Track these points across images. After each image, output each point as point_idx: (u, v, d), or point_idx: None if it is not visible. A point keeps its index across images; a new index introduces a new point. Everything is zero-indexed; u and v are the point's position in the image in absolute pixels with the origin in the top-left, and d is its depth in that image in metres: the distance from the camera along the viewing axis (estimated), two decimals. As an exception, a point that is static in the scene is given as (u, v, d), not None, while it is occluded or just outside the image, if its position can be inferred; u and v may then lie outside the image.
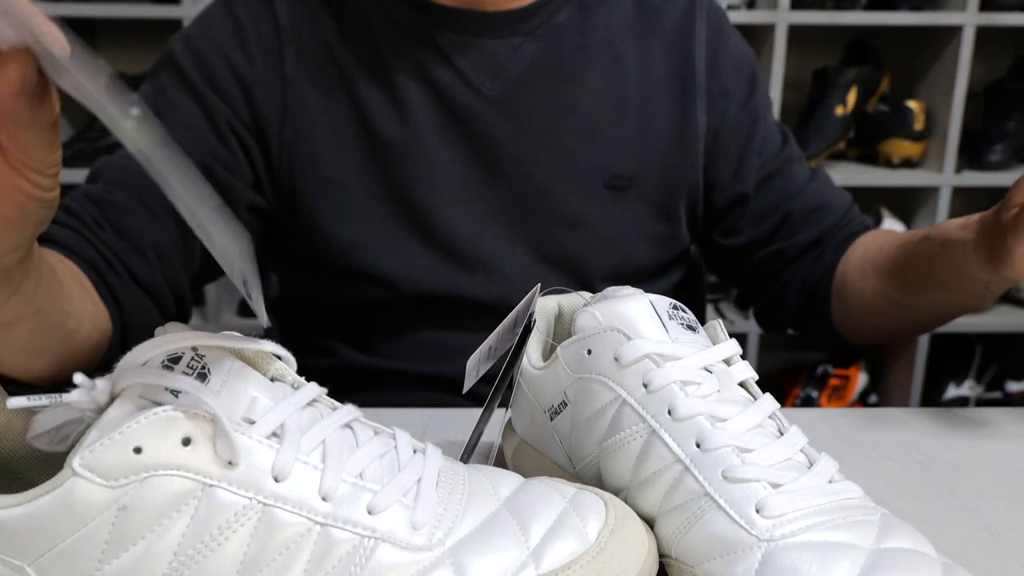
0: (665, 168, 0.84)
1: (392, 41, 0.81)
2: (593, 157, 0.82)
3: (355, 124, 0.81)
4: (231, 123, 0.80)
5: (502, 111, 0.81)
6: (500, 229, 0.82)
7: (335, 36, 0.82)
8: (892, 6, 1.81)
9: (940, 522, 0.52)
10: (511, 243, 0.82)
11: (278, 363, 0.42)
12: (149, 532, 0.35)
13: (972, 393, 2.01)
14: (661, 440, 0.43)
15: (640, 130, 0.83)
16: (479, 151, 0.81)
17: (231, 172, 0.80)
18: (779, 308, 0.88)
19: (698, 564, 0.41)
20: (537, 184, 0.81)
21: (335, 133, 0.81)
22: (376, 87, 0.81)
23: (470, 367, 0.52)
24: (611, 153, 0.82)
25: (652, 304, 0.47)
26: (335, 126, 0.82)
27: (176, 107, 0.79)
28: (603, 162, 0.82)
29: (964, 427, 0.67)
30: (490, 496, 0.41)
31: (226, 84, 0.80)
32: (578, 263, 0.84)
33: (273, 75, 0.81)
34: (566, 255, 0.84)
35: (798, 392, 2.05)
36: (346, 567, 0.37)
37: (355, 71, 0.81)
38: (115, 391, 0.35)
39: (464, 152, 0.81)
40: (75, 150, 1.71)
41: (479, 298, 0.82)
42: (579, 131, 0.82)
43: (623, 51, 0.83)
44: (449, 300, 0.82)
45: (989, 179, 1.84)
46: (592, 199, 0.83)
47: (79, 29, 1.89)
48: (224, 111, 0.79)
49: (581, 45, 0.82)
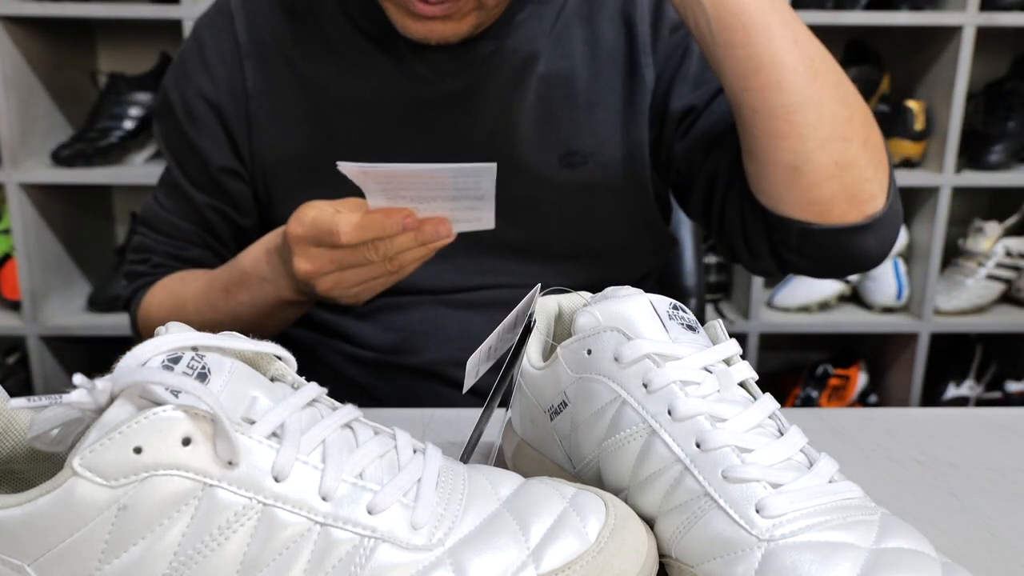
0: (619, 138, 0.86)
1: (352, 46, 0.85)
2: (546, 139, 0.85)
3: (315, 128, 0.86)
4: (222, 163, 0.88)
5: (459, 104, 0.84)
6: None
7: (293, 46, 0.86)
8: (892, 6, 1.81)
9: (940, 522, 0.52)
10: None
11: (278, 363, 0.42)
12: (149, 532, 0.35)
13: (972, 393, 2.01)
14: (661, 440, 0.43)
15: (590, 106, 0.86)
16: (439, 143, 0.85)
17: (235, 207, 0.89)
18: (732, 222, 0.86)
19: (698, 564, 0.41)
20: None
21: (296, 139, 0.86)
22: (336, 91, 0.85)
23: (470, 367, 0.52)
24: (564, 133, 0.85)
25: (652, 304, 0.47)
26: (296, 133, 0.86)
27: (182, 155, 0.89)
28: (556, 142, 0.85)
29: (964, 427, 0.67)
30: (490, 496, 0.41)
31: (207, 121, 0.87)
32: (540, 243, 0.87)
33: (237, 91, 0.86)
34: (526, 238, 0.87)
35: (798, 392, 2.05)
36: (346, 567, 0.37)
37: (314, 77, 0.86)
38: (115, 391, 0.35)
39: (424, 144, 0.85)
40: (75, 150, 1.71)
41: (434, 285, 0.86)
42: (532, 116, 0.85)
43: (570, 34, 0.86)
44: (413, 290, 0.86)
45: (989, 179, 1.84)
46: (549, 179, 0.86)
47: (79, 29, 1.90)
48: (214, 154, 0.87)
49: (535, 34, 0.85)
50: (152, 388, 0.35)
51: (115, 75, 1.78)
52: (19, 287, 1.74)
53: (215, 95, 0.86)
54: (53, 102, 1.81)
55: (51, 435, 0.37)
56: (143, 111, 1.77)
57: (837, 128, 0.72)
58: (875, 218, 0.75)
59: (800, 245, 0.77)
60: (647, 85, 0.86)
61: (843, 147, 0.72)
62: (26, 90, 1.71)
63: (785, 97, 0.70)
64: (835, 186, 0.73)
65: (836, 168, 0.72)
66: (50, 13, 1.63)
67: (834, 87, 0.72)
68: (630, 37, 0.86)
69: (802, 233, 0.76)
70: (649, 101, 0.86)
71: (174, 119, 0.89)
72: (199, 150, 0.87)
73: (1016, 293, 1.99)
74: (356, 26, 0.85)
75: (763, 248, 0.81)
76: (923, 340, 1.91)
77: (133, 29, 1.91)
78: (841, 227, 0.75)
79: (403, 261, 0.69)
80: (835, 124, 0.72)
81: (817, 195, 0.74)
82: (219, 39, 0.87)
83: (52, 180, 1.69)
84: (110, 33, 1.93)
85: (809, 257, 0.79)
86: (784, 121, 0.71)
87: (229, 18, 0.87)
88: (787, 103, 0.71)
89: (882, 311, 1.96)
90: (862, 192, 0.74)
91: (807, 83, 0.70)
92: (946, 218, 1.85)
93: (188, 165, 0.89)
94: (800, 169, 0.73)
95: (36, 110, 1.75)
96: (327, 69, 0.86)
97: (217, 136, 0.87)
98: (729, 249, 0.86)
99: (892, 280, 1.93)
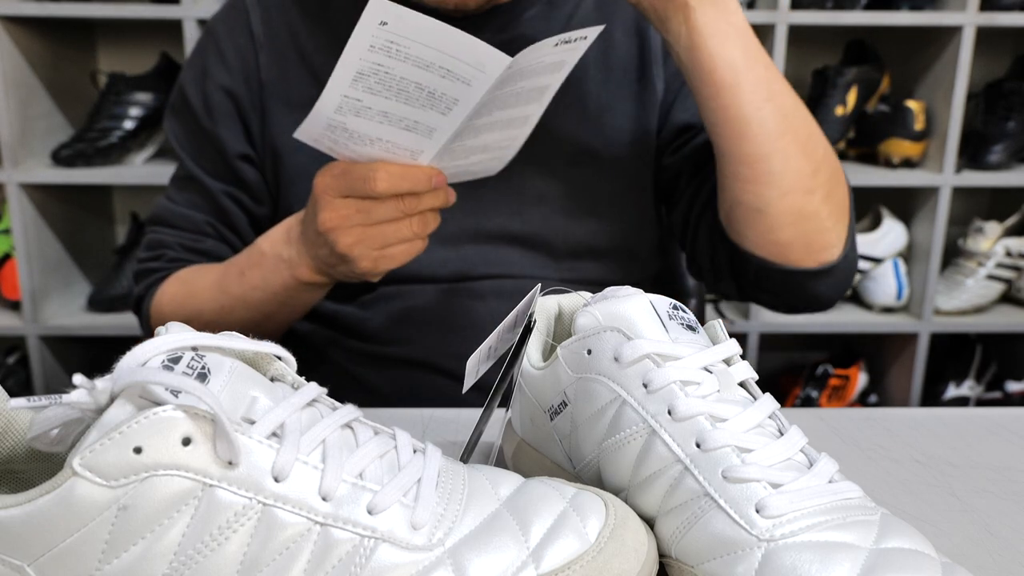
0: (627, 142, 0.88)
1: None
2: (555, 138, 0.86)
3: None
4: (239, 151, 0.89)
5: None
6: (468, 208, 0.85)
7: (306, 39, 0.88)
8: (892, 6, 1.81)
9: (940, 522, 0.52)
10: (477, 221, 0.86)
11: (278, 363, 0.42)
12: (149, 532, 0.35)
13: (972, 393, 2.01)
14: (661, 440, 0.43)
15: (600, 109, 0.87)
16: None
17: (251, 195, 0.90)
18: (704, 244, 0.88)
19: (698, 564, 0.41)
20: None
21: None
22: None
23: (470, 367, 0.52)
24: (573, 134, 0.87)
25: (652, 304, 0.47)
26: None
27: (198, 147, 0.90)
28: (565, 142, 0.86)
29: (964, 427, 0.67)
30: (490, 496, 0.41)
31: (224, 110, 0.88)
32: (544, 239, 0.88)
33: (252, 80, 0.88)
34: (532, 231, 0.87)
35: (798, 392, 2.05)
36: (346, 567, 0.37)
37: (325, 68, 0.86)
38: (115, 391, 0.35)
39: None
40: (75, 150, 1.70)
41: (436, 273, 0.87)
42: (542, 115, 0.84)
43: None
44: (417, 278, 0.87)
45: (989, 179, 1.84)
46: (555, 176, 0.87)
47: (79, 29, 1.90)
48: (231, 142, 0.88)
49: (541, 35, 0.86)
50: (152, 388, 0.35)
51: (115, 75, 1.78)
52: (19, 287, 1.74)
53: (232, 85, 0.88)
54: (53, 102, 1.81)
55: (51, 435, 0.37)
56: (143, 111, 1.77)
57: (801, 181, 0.74)
58: (830, 265, 0.79)
59: (757, 279, 0.81)
60: (657, 95, 0.88)
61: (805, 199, 0.75)
62: (26, 90, 1.71)
63: (751, 148, 0.73)
64: (794, 232, 0.76)
65: (796, 216, 0.76)
66: (50, 13, 1.63)
67: (803, 142, 0.74)
68: (643, 48, 0.89)
69: (760, 269, 0.80)
70: (658, 111, 0.89)
71: (190, 113, 0.90)
72: (216, 139, 0.88)
73: (1016, 293, 1.99)
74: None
75: (726, 274, 0.85)
76: (923, 340, 1.90)
77: (133, 29, 1.91)
78: (797, 269, 0.79)
79: (425, 224, 0.71)
80: (799, 177, 0.74)
81: (776, 238, 0.77)
82: (234, 33, 0.89)
83: (52, 180, 1.69)
84: (110, 33, 1.93)
85: (765, 291, 0.83)
86: (750, 168, 0.74)
87: (244, 12, 0.90)
88: (753, 153, 0.73)
89: (882, 311, 1.96)
90: (819, 241, 0.78)
91: (775, 138, 0.73)
92: (946, 218, 1.85)
93: (204, 156, 0.90)
94: (762, 212, 0.76)
95: (36, 110, 1.75)
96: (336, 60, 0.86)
97: (234, 125, 0.88)
98: (697, 268, 0.90)
99: (892, 280, 1.93)
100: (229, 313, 0.83)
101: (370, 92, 0.62)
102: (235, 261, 0.83)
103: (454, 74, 0.62)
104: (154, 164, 1.79)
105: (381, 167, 0.67)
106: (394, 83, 0.62)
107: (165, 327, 0.40)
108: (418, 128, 0.66)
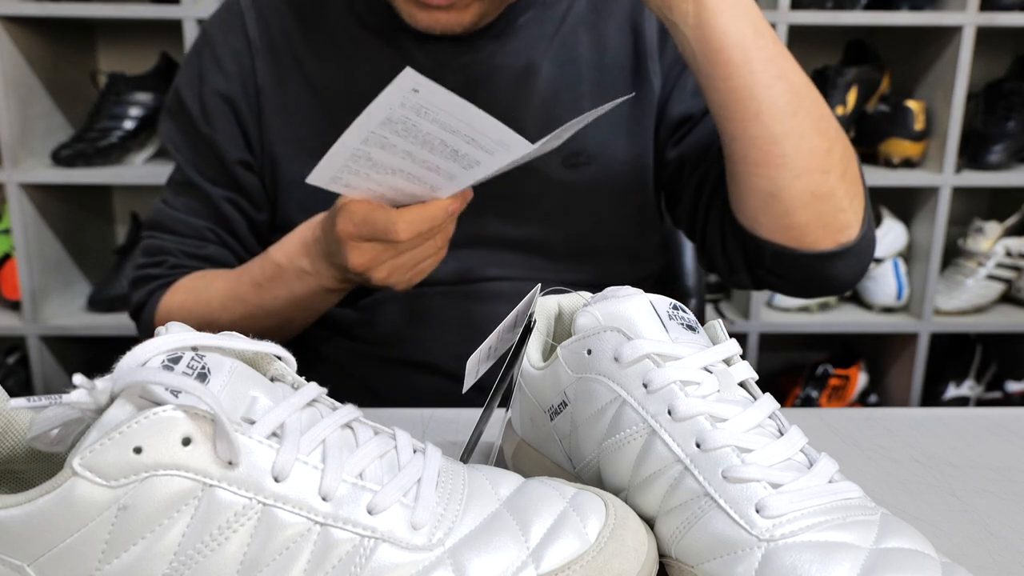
0: (625, 142, 0.87)
1: (357, 42, 0.87)
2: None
3: (321, 122, 0.86)
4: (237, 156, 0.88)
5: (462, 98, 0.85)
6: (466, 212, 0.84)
7: (301, 45, 0.88)
8: (892, 6, 1.81)
9: (940, 522, 0.52)
10: (476, 224, 0.85)
11: (278, 363, 0.42)
12: (149, 532, 0.35)
13: (972, 393, 2.01)
14: (661, 440, 0.43)
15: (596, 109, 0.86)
16: None
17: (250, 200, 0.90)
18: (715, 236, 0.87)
19: (698, 564, 0.41)
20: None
21: (302, 132, 0.87)
22: (341, 86, 0.86)
23: (470, 367, 0.52)
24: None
25: (652, 304, 0.47)
26: (302, 126, 0.87)
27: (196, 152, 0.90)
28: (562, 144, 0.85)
29: (964, 427, 0.67)
30: (490, 496, 0.41)
31: (222, 116, 0.88)
32: (543, 241, 0.88)
33: (248, 85, 0.88)
34: (530, 234, 0.87)
35: (798, 392, 2.05)
36: (346, 567, 0.37)
37: (321, 74, 0.87)
38: (115, 391, 0.35)
39: None
40: (75, 150, 1.70)
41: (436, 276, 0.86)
42: (536, 117, 0.86)
43: (577, 39, 0.87)
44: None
45: (989, 179, 1.84)
46: (552, 178, 0.86)
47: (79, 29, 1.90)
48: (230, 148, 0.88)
49: (537, 38, 0.86)
50: (152, 388, 0.35)
51: (115, 75, 1.78)
52: (19, 287, 1.74)
53: (228, 90, 0.88)
54: (53, 102, 1.81)
55: (51, 435, 0.37)
56: (143, 111, 1.77)
57: (815, 160, 0.73)
58: (848, 246, 0.77)
59: (773, 266, 0.79)
60: (654, 92, 0.87)
61: (820, 178, 0.73)
62: (26, 90, 1.71)
63: (763, 129, 0.72)
64: (810, 214, 0.75)
65: (812, 198, 0.74)
66: (50, 13, 1.63)
67: (816, 120, 0.73)
68: (638, 44, 0.87)
69: (776, 255, 0.78)
70: (656, 107, 0.88)
71: (187, 117, 0.89)
72: (215, 145, 0.88)
73: (1016, 293, 1.99)
74: (362, 23, 0.87)
75: (740, 264, 0.83)
76: (923, 340, 1.90)
77: (133, 29, 1.91)
78: (814, 253, 0.77)
79: (447, 236, 0.74)
80: (813, 156, 0.73)
81: (792, 221, 0.75)
82: (230, 36, 0.89)
83: (52, 180, 1.69)
84: (110, 33, 1.93)
85: (782, 277, 0.81)
86: (762, 151, 0.72)
87: (239, 16, 0.89)
88: (765, 135, 0.72)
89: (882, 311, 1.96)
90: (836, 221, 0.76)
91: (787, 117, 0.71)
92: (946, 218, 1.85)
93: (202, 161, 0.89)
94: (776, 196, 0.74)
95: (36, 110, 1.75)
96: (332, 66, 0.87)
97: (231, 130, 0.88)
98: (709, 260, 0.88)
99: (892, 280, 1.93)
100: (247, 320, 0.83)
101: (397, 134, 0.64)
102: (247, 271, 0.82)
103: (478, 143, 0.64)
104: (154, 164, 1.79)
105: (400, 216, 0.68)
106: (420, 135, 0.64)
107: (165, 327, 0.40)
108: (439, 171, 0.67)
